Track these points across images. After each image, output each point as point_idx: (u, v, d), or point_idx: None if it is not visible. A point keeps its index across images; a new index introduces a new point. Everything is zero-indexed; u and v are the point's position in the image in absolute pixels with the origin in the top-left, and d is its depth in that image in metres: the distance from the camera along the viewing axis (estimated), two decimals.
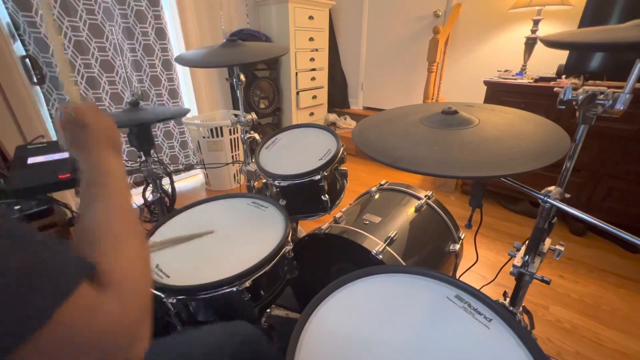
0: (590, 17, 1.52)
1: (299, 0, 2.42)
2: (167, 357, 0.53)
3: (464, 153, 0.54)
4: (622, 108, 0.55)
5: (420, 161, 0.54)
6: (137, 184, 1.94)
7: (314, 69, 2.81)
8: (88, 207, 0.38)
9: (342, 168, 1.12)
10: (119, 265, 0.33)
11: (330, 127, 1.21)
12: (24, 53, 1.58)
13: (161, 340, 0.55)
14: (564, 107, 0.60)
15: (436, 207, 1.06)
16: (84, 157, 0.45)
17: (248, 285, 0.68)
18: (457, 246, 1.00)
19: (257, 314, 0.74)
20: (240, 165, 1.38)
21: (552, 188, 0.64)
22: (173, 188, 1.30)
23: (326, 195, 1.03)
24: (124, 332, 0.29)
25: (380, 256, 0.80)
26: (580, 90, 0.58)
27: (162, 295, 0.66)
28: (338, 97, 3.26)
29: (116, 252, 0.34)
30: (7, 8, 1.49)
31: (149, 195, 1.26)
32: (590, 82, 1.54)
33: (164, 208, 1.25)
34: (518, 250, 0.76)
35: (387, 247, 0.84)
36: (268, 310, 1.11)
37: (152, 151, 1.15)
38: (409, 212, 1.02)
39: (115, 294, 0.30)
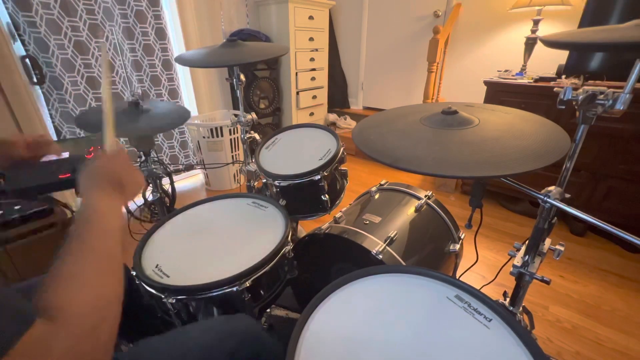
0: (590, 17, 1.52)
1: (299, 0, 2.42)
2: (167, 352, 0.53)
3: (464, 153, 0.54)
4: (622, 108, 0.55)
5: (421, 161, 0.54)
6: None
7: (314, 69, 2.81)
8: (67, 244, 0.38)
9: (342, 168, 1.12)
10: (79, 301, 0.34)
11: (330, 127, 1.21)
12: (24, 53, 1.58)
13: (157, 338, 0.55)
14: (564, 107, 0.60)
15: (436, 207, 1.06)
16: (85, 195, 0.46)
17: (248, 285, 0.68)
18: (457, 246, 1.00)
19: (257, 314, 0.74)
20: (240, 165, 1.38)
21: (552, 188, 0.64)
22: (173, 188, 1.30)
23: (326, 195, 1.03)
24: None
25: (380, 256, 0.80)
26: (580, 90, 0.58)
27: (162, 296, 0.66)
28: (338, 97, 3.26)
29: (79, 288, 0.35)
30: (7, 8, 1.49)
31: (149, 195, 1.26)
32: (590, 82, 1.54)
33: (164, 208, 1.25)
34: (518, 250, 0.76)
35: (387, 247, 0.84)
36: (268, 310, 1.11)
37: (152, 151, 1.15)
38: (409, 212, 1.02)
39: (67, 328, 0.31)
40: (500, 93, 1.79)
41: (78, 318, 0.33)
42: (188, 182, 2.45)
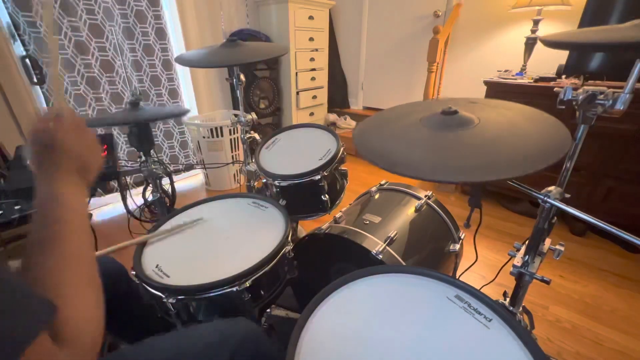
0: (590, 17, 1.52)
1: (299, 0, 2.42)
2: (168, 351, 0.53)
3: (463, 156, 0.54)
4: (622, 108, 0.55)
5: (419, 167, 0.53)
6: (137, 184, 1.94)
7: (314, 69, 2.81)
8: (41, 250, 0.34)
9: (342, 168, 1.12)
10: (74, 318, 0.31)
11: (330, 127, 1.21)
12: (24, 53, 1.58)
13: (161, 336, 0.55)
14: (564, 107, 0.60)
15: (436, 207, 1.06)
16: (42, 181, 0.38)
17: (248, 285, 0.68)
18: (457, 246, 1.00)
19: (257, 314, 0.74)
20: (240, 165, 1.38)
21: (552, 188, 0.64)
22: (173, 188, 1.30)
23: (326, 195, 1.02)
24: None
25: (380, 256, 0.80)
26: (580, 90, 0.58)
27: (162, 296, 0.66)
28: (338, 97, 3.26)
29: (71, 305, 0.32)
30: (7, 8, 1.49)
31: (149, 195, 1.26)
32: (590, 82, 1.54)
33: (164, 208, 1.25)
34: (518, 250, 0.76)
35: (387, 247, 0.84)
36: (268, 310, 1.11)
37: (152, 151, 1.15)
38: (409, 212, 1.02)
39: (70, 350, 0.29)
40: (500, 93, 1.79)
41: (83, 337, 0.31)
42: (188, 182, 2.45)
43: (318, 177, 0.97)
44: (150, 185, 1.20)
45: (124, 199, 1.26)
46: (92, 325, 0.33)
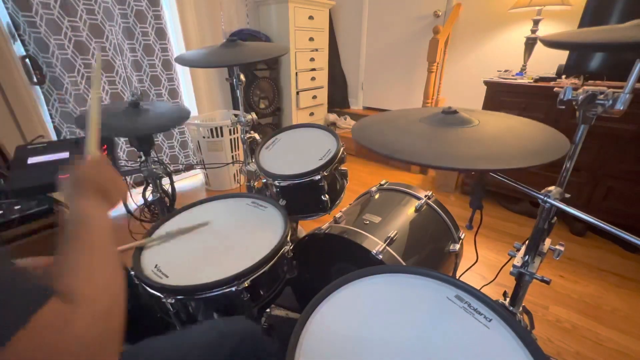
0: (590, 17, 1.52)
1: (299, 0, 2.42)
2: (167, 351, 0.53)
3: (463, 148, 0.54)
4: (622, 108, 0.55)
5: (419, 154, 0.53)
6: (137, 184, 1.94)
7: (314, 69, 2.81)
8: (67, 243, 0.39)
9: (342, 168, 1.12)
10: (91, 286, 0.35)
11: (330, 127, 1.21)
12: (24, 53, 1.58)
13: (160, 337, 0.56)
14: (564, 107, 0.60)
15: (436, 207, 1.06)
16: (70, 202, 0.46)
17: (247, 285, 0.68)
18: (457, 246, 1.00)
19: (256, 314, 0.74)
20: (240, 165, 1.38)
21: (552, 188, 0.64)
22: (173, 188, 1.30)
23: (326, 195, 1.02)
24: (91, 347, 0.30)
25: (380, 256, 0.80)
26: (580, 90, 0.58)
27: (161, 296, 0.66)
28: (338, 97, 3.26)
29: (89, 276, 0.36)
30: (7, 8, 1.49)
31: (149, 195, 1.26)
32: (590, 82, 1.54)
33: (164, 208, 1.25)
34: (518, 250, 0.76)
35: (387, 247, 0.84)
36: (268, 310, 1.11)
37: (152, 151, 1.15)
38: (409, 212, 1.02)
39: (84, 309, 0.32)
40: (500, 93, 1.79)
41: (92, 300, 0.33)
42: (188, 182, 2.45)
43: (318, 177, 0.97)
44: (150, 185, 1.20)
45: None
46: (107, 293, 0.36)
